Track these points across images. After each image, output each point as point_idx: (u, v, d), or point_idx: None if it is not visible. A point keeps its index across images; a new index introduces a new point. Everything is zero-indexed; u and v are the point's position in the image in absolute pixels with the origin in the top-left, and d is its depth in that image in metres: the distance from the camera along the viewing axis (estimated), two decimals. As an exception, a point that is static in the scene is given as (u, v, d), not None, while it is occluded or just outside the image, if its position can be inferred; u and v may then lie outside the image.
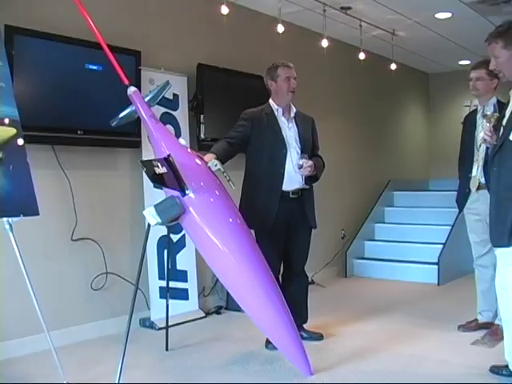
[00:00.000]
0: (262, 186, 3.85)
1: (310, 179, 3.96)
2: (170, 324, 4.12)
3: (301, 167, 3.83)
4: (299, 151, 3.93)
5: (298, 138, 3.96)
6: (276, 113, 3.96)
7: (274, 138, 3.89)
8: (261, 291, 3.20)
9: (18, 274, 3.19)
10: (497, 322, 4.15)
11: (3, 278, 3.82)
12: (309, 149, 3.99)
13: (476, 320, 4.40)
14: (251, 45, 5.84)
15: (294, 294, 3.94)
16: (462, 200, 4.34)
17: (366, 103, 7.72)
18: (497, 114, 3.26)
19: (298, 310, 3.87)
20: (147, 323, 4.65)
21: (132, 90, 3.54)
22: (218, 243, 3.20)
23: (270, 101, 4.02)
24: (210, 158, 3.54)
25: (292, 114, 4.00)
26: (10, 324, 3.87)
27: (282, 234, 3.90)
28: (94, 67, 4.21)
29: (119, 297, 4.54)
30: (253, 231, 3.65)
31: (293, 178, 3.89)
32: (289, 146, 3.89)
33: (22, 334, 3.93)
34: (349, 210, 7.33)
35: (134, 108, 3.57)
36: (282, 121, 3.96)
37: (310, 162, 3.85)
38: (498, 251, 3.15)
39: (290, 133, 3.95)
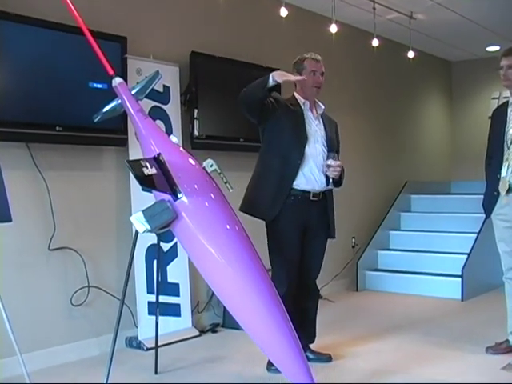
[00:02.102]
0: (273, 175, 3.93)
1: (334, 183, 4.02)
2: (159, 344, 4.11)
3: (328, 167, 3.88)
4: (325, 150, 4.00)
5: (324, 136, 4.05)
6: (302, 106, 4.05)
7: (296, 130, 3.96)
8: (262, 307, 3.18)
9: (-12, 288, 3.18)
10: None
11: (-28, 293, 3.80)
12: (334, 150, 4.07)
13: (507, 341, 4.37)
14: (251, 31, 5.84)
15: (304, 310, 3.96)
16: (489, 204, 4.32)
17: (379, 96, 7.72)
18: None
19: (306, 329, 3.86)
20: (134, 343, 4.64)
21: (117, 81, 3.53)
22: (214, 252, 3.18)
23: (295, 93, 4.12)
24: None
25: (320, 111, 4.12)
26: (-20, 344, 3.86)
27: (297, 240, 3.94)
28: (75, 55, 4.19)
29: (103, 313, 4.53)
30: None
31: (315, 178, 3.95)
32: (314, 142, 3.98)
33: (-9, 356, 3.92)
34: (360, 216, 7.32)
35: (119, 101, 3.56)
36: (308, 115, 4.06)
37: (339, 162, 3.92)
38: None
39: (316, 129, 4.05)
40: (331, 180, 3.97)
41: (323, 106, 4.13)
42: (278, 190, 3.91)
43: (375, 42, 6.39)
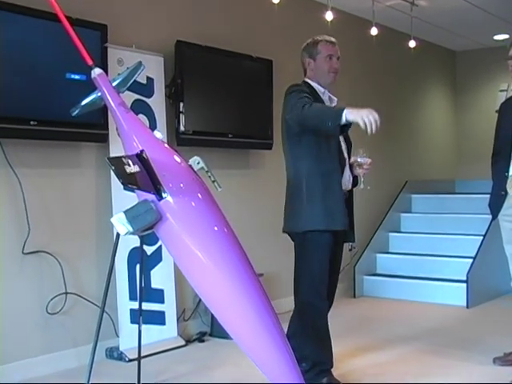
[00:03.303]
0: (335, 174, 3.82)
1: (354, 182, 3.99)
2: (142, 354, 4.10)
3: (359, 166, 3.86)
4: (345, 146, 3.95)
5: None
6: (322, 96, 3.91)
7: None
8: (253, 314, 3.18)
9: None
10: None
11: None
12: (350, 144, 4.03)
13: (515, 352, 4.41)
14: (241, 18, 5.84)
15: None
16: (495, 204, 4.35)
17: (378, 88, 7.74)
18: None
19: (329, 349, 3.94)
20: (115, 354, 4.64)
21: (97, 72, 3.51)
22: (201, 256, 3.18)
23: (309, 81, 3.95)
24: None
25: (334, 104, 3.99)
26: None
27: (333, 243, 3.91)
28: (51, 43, 4.19)
29: (81, 322, 4.52)
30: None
31: (347, 176, 3.94)
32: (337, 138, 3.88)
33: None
34: (357, 217, 7.26)
35: (99, 94, 3.55)
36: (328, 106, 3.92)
37: (369, 160, 3.87)
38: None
39: None
40: (362, 179, 3.90)
41: (336, 99, 4.00)
42: (337, 203, 3.83)
43: (374, 31, 6.40)
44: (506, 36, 8.05)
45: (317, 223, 3.76)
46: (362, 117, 3.40)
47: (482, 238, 6.67)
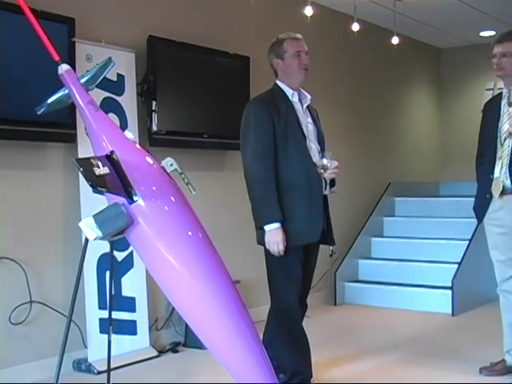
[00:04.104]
0: (299, 190, 3.88)
1: (331, 184, 4.06)
2: (112, 366, 4.07)
3: (324, 169, 3.91)
4: (319, 148, 4.02)
5: (316, 133, 4.06)
6: (291, 98, 3.97)
7: (296, 130, 3.92)
8: (229, 323, 3.18)
9: None
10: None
11: None
12: (324, 146, 4.09)
13: (503, 361, 4.41)
14: (217, 13, 5.84)
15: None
16: (480, 208, 4.38)
17: (360, 87, 7.78)
18: (525, 101, 3.28)
19: (307, 358, 3.96)
20: (83, 366, 4.62)
21: (64, 68, 3.49)
22: (175, 262, 3.17)
23: (280, 83, 4.01)
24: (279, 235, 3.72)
25: (307, 102, 4.04)
26: None
27: (303, 250, 3.96)
28: (14, 37, 4.15)
29: (47, 333, 4.49)
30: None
31: None
32: (308, 141, 3.96)
33: None
34: (338, 221, 7.26)
35: (66, 91, 3.53)
36: (298, 109, 3.99)
37: (337, 163, 3.94)
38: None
39: (308, 125, 4.03)
40: (328, 182, 3.98)
41: (309, 96, 4.04)
42: (313, 212, 3.95)
43: (356, 27, 6.41)
44: (492, 32, 8.09)
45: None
46: (269, 244, 3.75)
47: (467, 242, 6.72)
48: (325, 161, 3.91)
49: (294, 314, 3.93)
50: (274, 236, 3.73)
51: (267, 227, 3.74)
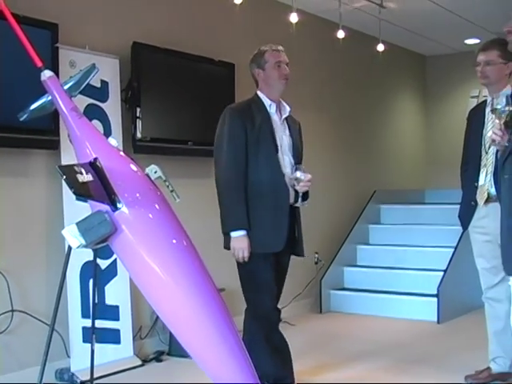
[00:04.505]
0: (265, 199, 3.94)
1: (304, 197, 4.07)
2: (95, 376, 4.06)
3: (298, 182, 3.94)
4: (292, 161, 4.06)
5: (291, 145, 4.09)
6: (268, 109, 4.05)
7: (268, 140, 3.97)
8: (213, 332, 3.17)
9: None
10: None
11: None
12: (299, 159, 4.13)
13: (488, 369, 4.43)
14: (201, 19, 5.85)
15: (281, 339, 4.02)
16: (465, 216, 4.40)
17: (345, 94, 7.80)
18: (510, 108, 3.29)
19: (288, 363, 3.96)
20: (66, 376, 4.59)
21: (47, 74, 3.48)
22: (159, 271, 3.16)
23: (259, 93, 4.10)
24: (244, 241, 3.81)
25: (285, 114, 4.11)
26: None
27: (272, 258, 3.98)
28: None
29: (29, 342, 4.46)
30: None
31: None
32: (281, 153, 4.00)
33: None
34: (324, 229, 7.37)
35: (49, 98, 3.52)
36: (275, 120, 4.06)
37: (310, 176, 3.98)
38: (512, 280, 3.18)
39: (283, 136, 4.07)
40: (300, 195, 4.01)
41: (289, 108, 4.12)
42: (278, 220, 3.96)
43: (341, 34, 6.43)
44: (477, 40, 8.15)
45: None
46: (234, 250, 3.85)
47: (453, 250, 6.74)
48: (298, 173, 3.95)
49: (271, 321, 3.96)
50: (239, 243, 3.83)
51: (233, 234, 3.84)
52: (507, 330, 3.75)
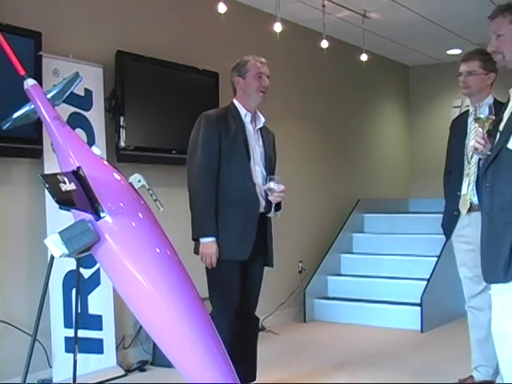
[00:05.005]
0: (235, 207, 3.95)
1: (276, 207, 4.08)
2: (78, 386, 4.05)
3: (271, 192, 3.96)
4: (264, 172, 4.07)
5: (263, 155, 4.11)
6: (243, 118, 4.07)
7: (241, 149, 3.99)
8: (197, 342, 3.17)
9: None
10: (498, 380, 4.20)
11: None
12: (272, 170, 4.15)
13: (471, 377, 4.44)
14: (186, 28, 5.85)
15: (244, 343, 3.98)
16: (448, 225, 4.42)
17: (329, 103, 7.82)
18: (492, 117, 3.31)
19: (245, 365, 3.87)
20: (48, 386, 4.56)
21: (30, 83, 3.47)
22: (142, 280, 3.15)
23: (236, 102, 4.12)
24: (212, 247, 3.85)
25: (260, 125, 4.13)
26: None
27: (239, 266, 3.99)
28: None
29: (10, 353, 4.43)
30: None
31: None
32: (253, 163, 4.02)
33: None
34: (308, 238, 7.37)
35: (32, 106, 3.51)
36: (249, 130, 4.08)
37: (283, 187, 3.97)
38: (494, 289, 3.19)
39: (256, 147, 4.09)
40: (273, 205, 4.02)
41: (263, 119, 4.14)
42: (246, 227, 3.98)
43: (324, 44, 6.47)
44: (459, 51, 8.23)
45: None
46: (202, 256, 3.89)
47: (436, 259, 6.76)
48: (272, 184, 3.96)
49: (230, 327, 3.93)
50: (208, 249, 3.87)
51: (202, 240, 3.89)
52: (490, 339, 3.75)
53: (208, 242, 3.87)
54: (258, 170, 4.05)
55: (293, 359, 5.38)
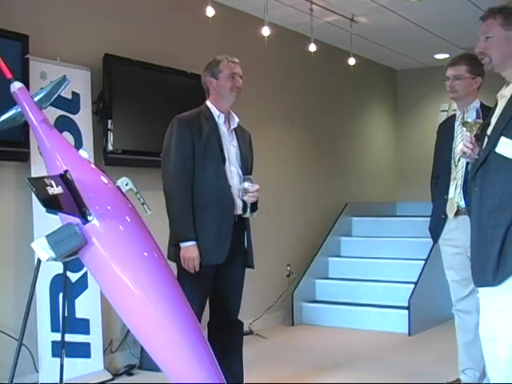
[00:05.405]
0: (211, 210, 3.93)
1: (252, 208, 4.06)
2: (65, 391, 4.03)
3: (246, 192, 3.94)
4: (240, 172, 4.05)
5: (239, 156, 4.08)
6: (217, 119, 4.05)
7: (215, 151, 3.98)
8: (185, 346, 3.16)
9: None
10: (485, 382, 4.21)
11: None
12: (248, 170, 4.12)
13: (458, 380, 4.45)
14: (174, 32, 5.85)
15: (228, 347, 3.96)
16: (436, 228, 4.43)
17: (316, 107, 7.83)
18: (480, 121, 3.33)
19: (231, 369, 3.86)
20: (35, 390, 4.53)
21: (17, 86, 3.46)
22: (130, 284, 3.15)
23: (209, 103, 4.12)
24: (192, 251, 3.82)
25: (234, 125, 4.11)
26: None
27: (212, 270, 3.95)
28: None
29: (-2, 356, 4.40)
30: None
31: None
32: (228, 164, 4.00)
33: None
34: (295, 241, 7.38)
35: (19, 110, 3.49)
36: (223, 131, 4.06)
37: (257, 186, 3.96)
38: (481, 292, 3.20)
39: (231, 147, 4.06)
40: (249, 205, 4.02)
41: (237, 119, 4.13)
42: (221, 230, 3.97)
43: (312, 47, 6.48)
44: (446, 55, 8.24)
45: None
46: (184, 260, 3.85)
47: (423, 262, 6.78)
48: (246, 184, 3.96)
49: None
50: (189, 253, 3.84)
51: (182, 244, 3.85)
52: (477, 342, 3.76)
53: (189, 246, 3.84)
54: (233, 170, 4.03)
55: (280, 363, 5.38)
